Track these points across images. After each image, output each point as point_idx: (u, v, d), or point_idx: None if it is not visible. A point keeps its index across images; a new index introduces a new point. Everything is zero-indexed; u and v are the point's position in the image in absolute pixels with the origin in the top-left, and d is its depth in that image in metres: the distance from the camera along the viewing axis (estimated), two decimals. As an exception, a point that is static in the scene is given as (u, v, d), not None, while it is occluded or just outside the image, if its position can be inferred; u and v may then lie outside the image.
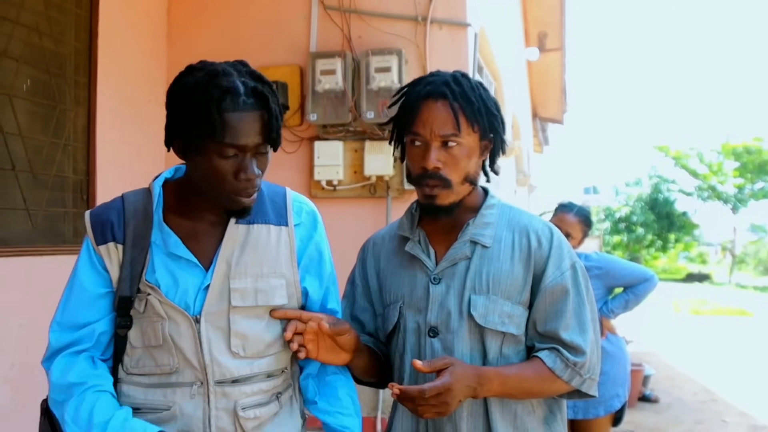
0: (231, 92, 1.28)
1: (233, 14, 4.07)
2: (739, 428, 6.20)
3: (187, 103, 1.30)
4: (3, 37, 3.06)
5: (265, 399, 1.46)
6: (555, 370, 1.49)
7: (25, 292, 3.12)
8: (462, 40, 3.75)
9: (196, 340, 1.39)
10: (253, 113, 1.31)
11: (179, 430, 1.39)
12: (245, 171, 1.33)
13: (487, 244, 1.54)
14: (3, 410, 2.99)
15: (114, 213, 1.43)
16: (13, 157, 3.11)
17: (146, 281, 1.39)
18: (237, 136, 1.30)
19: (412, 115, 1.52)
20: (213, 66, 1.33)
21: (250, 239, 1.44)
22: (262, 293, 1.43)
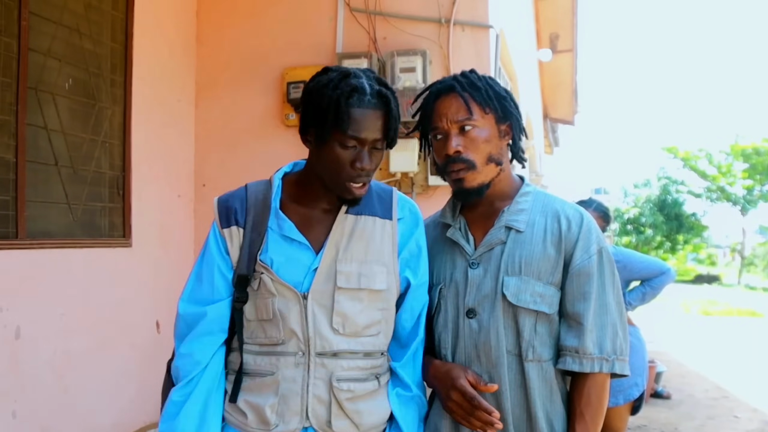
0: (359, 90, 1.46)
1: (261, 16, 4.19)
2: (750, 423, 6.27)
3: (320, 97, 1.47)
4: (47, 37, 3.19)
5: (362, 376, 1.58)
6: (584, 369, 1.59)
7: (66, 282, 3.26)
8: (484, 41, 3.85)
9: (302, 314, 1.53)
10: (375, 112, 1.47)
11: (281, 393, 1.54)
12: (361, 161, 1.48)
13: (521, 229, 1.64)
14: (47, 394, 3.12)
15: (237, 201, 1.60)
16: (55, 153, 3.24)
17: (260, 261, 1.54)
18: (359, 129, 1.46)
19: (430, 114, 1.67)
20: (346, 69, 1.52)
21: (358, 228, 1.58)
22: (364, 277, 1.55)
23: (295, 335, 1.54)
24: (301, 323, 1.53)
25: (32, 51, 3.08)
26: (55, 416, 3.15)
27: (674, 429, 6.02)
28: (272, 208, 1.58)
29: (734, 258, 34.08)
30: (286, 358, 1.55)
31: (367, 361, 1.59)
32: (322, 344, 1.54)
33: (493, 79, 1.70)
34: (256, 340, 1.58)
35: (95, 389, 3.36)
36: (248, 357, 1.58)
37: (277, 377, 1.54)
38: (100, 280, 3.44)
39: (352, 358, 1.57)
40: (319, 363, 1.54)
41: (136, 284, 3.64)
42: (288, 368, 1.54)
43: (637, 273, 3.59)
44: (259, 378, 1.57)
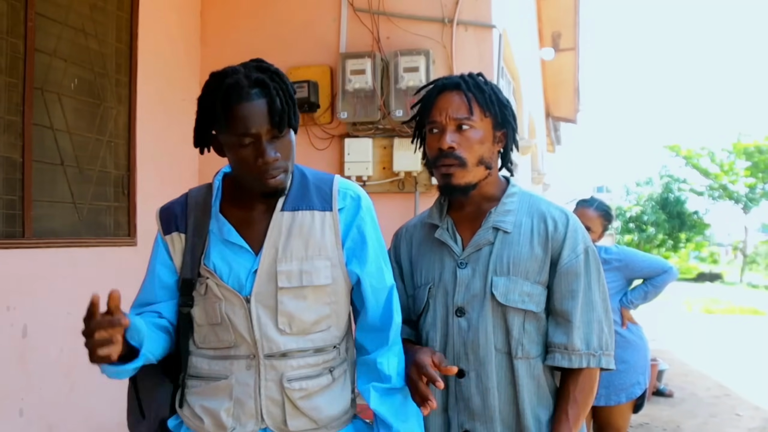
0: (234, 87, 1.42)
1: (265, 16, 4.21)
2: (753, 421, 6.29)
3: (202, 106, 1.48)
4: (53, 38, 3.21)
5: (314, 372, 1.57)
6: (572, 365, 1.63)
7: (72, 281, 3.27)
8: (487, 41, 3.87)
9: (247, 318, 1.53)
10: (257, 102, 1.42)
11: (235, 397, 1.54)
12: (262, 156, 1.44)
13: (508, 230, 1.67)
14: (54, 392, 3.15)
15: (178, 207, 1.61)
16: (61, 153, 3.26)
17: (204, 266, 1.54)
18: (245, 126, 1.42)
19: (429, 106, 1.69)
20: (224, 70, 1.47)
21: (296, 224, 1.56)
22: (306, 274, 1.54)
23: (244, 339, 1.54)
24: (248, 326, 1.53)
25: (38, 51, 3.09)
26: (62, 414, 3.18)
27: (676, 427, 6.03)
28: (212, 211, 1.58)
29: (736, 256, 34.06)
30: (239, 362, 1.55)
31: (318, 357, 1.58)
32: (269, 346, 1.53)
33: (497, 86, 1.73)
34: (209, 344, 1.58)
35: (101, 388, 3.35)
36: (202, 361, 1.59)
37: (230, 381, 1.55)
38: (105, 279, 3.45)
39: (301, 356, 1.56)
40: (269, 365, 1.54)
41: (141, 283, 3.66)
42: (241, 372, 1.54)
43: (639, 272, 3.59)
44: (213, 382, 1.57)
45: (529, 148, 6.86)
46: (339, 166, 3.99)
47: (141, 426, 1.65)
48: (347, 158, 3.91)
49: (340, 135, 4.02)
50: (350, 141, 3.94)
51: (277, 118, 1.44)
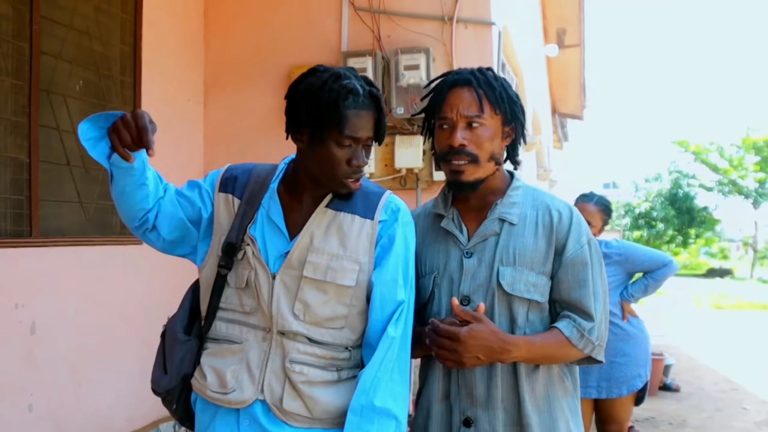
0: (353, 92, 1.53)
1: (267, 16, 4.25)
2: (759, 415, 6.29)
3: (315, 99, 1.53)
4: (58, 41, 3.27)
5: (319, 363, 1.62)
6: (571, 338, 1.65)
7: (79, 279, 3.34)
8: (486, 38, 3.90)
9: (270, 292, 1.61)
10: (368, 112, 1.56)
11: (245, 362, 1.61)
12: (357, 159, 1.57)
13: (514, 222, 1.70)
14: (62, 388, 3.22)
15: (243, 174, 1.71)
16: (68, 153, 3.32)
17: (249, 234, 1.64)
18: (355, 129, 1.54)
19: (440, 102, 1.71)
20: (336, 70, 1.57)
21: (335, 223, 1.63)
22: (332, 271, 1.60)
23: (263, 309, 1.61)
24: (268, 299, 1.60)
25: (44, 54, 3.16)
26: (70, 410, 3.24)
27: (683, 421, 6.04)
28: (269, 188, 1.67)
29: (747, 251, 33.89)
30: (256, 332, 1.63)
31: (326, 351, 1.62)
32: (282, 324, 1.60)
33: (507, 81, 1.74)
34: (230, 305, 1.66)
35: (109, 384, 3.44)
36: (221, 324, 1.67)
37: (244, 346, 1.62)
38: (112, 276, 3.52)
39: (309, 344, 1.61)
40: (279, 341, 1.61)
41: (148, 281, 3.71)
42: (257, 341, 1.62)
43: (639, 265, 3.61)
44: (227, 344, 1.65)
45: (534, 145, 6.89)
46: (341, 164, 4.04)
47: (163, 380, 1.75)
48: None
49: (342, 133, 4.07)
50: (352, 139, 3.98)
51: (381, 130, 1.60)
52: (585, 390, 3.47)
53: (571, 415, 1.77)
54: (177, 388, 1.71)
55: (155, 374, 1.78)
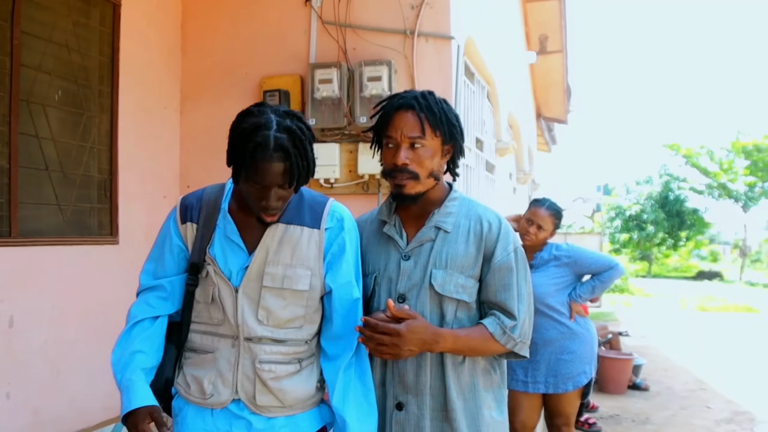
0: (262, 146, 1.68)
1: (241, 28, 4.47)
2: (721, 413, 6.52)
3: (234, 146, 1.74)
4: (38, 54, 3.49)
5: (284, 359, 1.88)
6: (494, 334, 1.90)
7: (56, 277, 3.56)
8: (446, 51, 4.12)
9: (234, 304, 1.85)
10: (276, 163, 1.70)
11: (217, 369, 1.86)
12: (266, 201, 1.76)
13: (448, 230, 1.95)
14: (39, 379, 3.43)
15: (195, 200, 1.94)
16: (46, 159, 3.54)
17: (209, 254, 1.87)
18: (261, 179, 1.71)
19: (386, 123, 1.94)
20: (260, 117, 1.72)
21: (287, 236, 1.88)
22: (288, 279, 1.86)
23: (228, 321, 1.86)
24: (233, 311, 1.85)
25: (24, 66, 3.37)
26: (47, 399, 3.46)
27: (646, 418, 6.27)
28: (221, 209, 1.90)
29: (737, 254, 34.08)
30: (225, 340, 1.87)
31: (289, 348, 1.88)
32: (248, 331, 1.85)
33: (448, 104, 1.98)
34: (201, 319, 1.90)
35: (85, 375, 3.66)
36: (195, 336, 1.91)
37: (216, 355, 1.87)
38: (88, 274, 3.74)
39: (274, 345, 1.87)
40: (247, 346, 1.86)
41: (123, 278, 3.92)
42: (226, 348, 1.87)
43: (586, 267, 3.81)
44: (202, 354, 1.89)
45: (507, 150, 7.10)
46: (309, 170, 4.26)
47: None
48: (316, 162, 4.17)
49: (309, 140, 4.29)
50: (318, 146, 4.19)
51: (291, 180, 1.74)
52: (534, 385, 3.74)
53: (495, 404, 2.01)
54: (159, 390, 1.91)
55: None
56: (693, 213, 28.47)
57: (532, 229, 3.73)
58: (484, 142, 6.02)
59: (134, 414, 1.72)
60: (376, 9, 4.20)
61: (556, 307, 3.72)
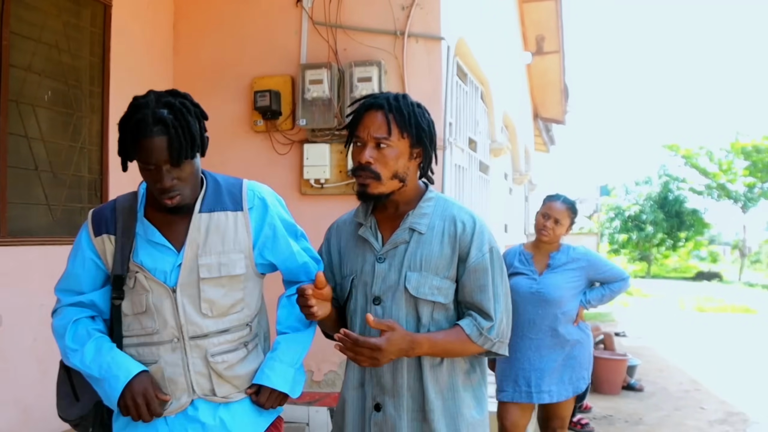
0: (140, 124, 1.68)
1: (233, 29, 4.49)
2: (715, 414, 6.51)
3: (121, 132, 1.74)
4: (27, 54, 3.51)
5: (232, 347, 1.89)
6: (471, 336, 1.89)
7: (45, 276, 3.54)
8: (436, 52, 4.14)
9: (173, 306, 1.82)
10: (157, 138, 1.68)
11: (167, 377, 1.83)
12: (160, 182, 1.73)
13: (423, 231, 1.93)
14: (28, 377, 3.45)
15: (108, 211, 1.89)
16: (36, 159, 3.55)
17: (134, 262, 1.82)
18: (147, 156, 1.70)
19: (356, 122, 1.94)
20: (141, 99, 1.73)
21: (212, 224, 1.87)
22: (224, 266, 1.85)
23: (167, 325, 1.83)
24: (174, 313, 1.82)
25: (13, 67, 3.39)
26: (35, 396, 3.47)
27: (639, 419, 6.26)
28: (138, 215, 1.86)
29: (735, 254, 34.08)
30: (164, 346, 1.83)
31: (234, 335, 1.90)
32: (194, 329, 1.83)
33: (421, 107, 1.96)
34: (132, 332, 1.86)
35: (74, 374, 3.66)
36: (131, 350, 1.85)
37: (160, 364, 1.84)
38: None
39: (221, 335, 1.87)
40: (194, 345, 1.84)
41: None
42: (167, 354, 1.83)
43: (600, 274, 3.67)
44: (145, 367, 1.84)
45: (502, 150, 7.11)
46: (299, 170, 4.28)
47: (74, 408, 1.93)
48: (306, 162, 4.20)
49: (300, 140, 4.31)
50: (309, 146, 4.22)
51: (175, 154, 1.70)
52: (538, 395, 3.52)
53: (475, 402, 2.01)
54: (90, 413, 1.91)
55: (62, 403, 1.96)
56: (692, 213, 28.45)
57: (549, 224, 3.53)
58: (478, 142, 6.04)
59: (136, 381, 1.75)
60: (366, 10, 4.21)
61: (570, 315, 3.55)
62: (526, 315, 3.46)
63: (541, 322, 3.48)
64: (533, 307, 3.48)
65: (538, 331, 3.48)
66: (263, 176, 3.82)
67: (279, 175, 4.26)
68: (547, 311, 3.47)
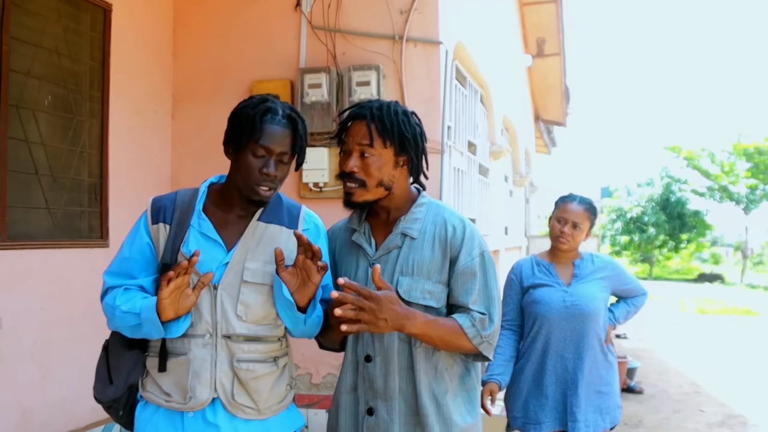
0: (272, 111, 1.84)
1: (232, 33, 4.52)
2: (714, 417, 6.52)
3: (241, 116, 1.85)
4: (27, 59, 3.53)
5: (261, 358, 1.90)
6: (464, 327, 1.90)
7: (45, 280, 3.59)
8: (434, 56, 4.16)
9: (212, 302, 1.86)
10: (284, 129, 1.84)
11: (193, 370, 1.85)
12: (268, 167, 1.82)
13: (414, 236, 1.95)
14: (27, 380, 3.47)
15: (167, 201, 1.94)
16: (36, 163, 3.58)
17: (182, 252, 1.86)
18: (268, 140, 1.82)
19: (343, 130, 1.98)
20: (265, 95, 1.90)
21: (266, 234, 1.92)
22: (268, 275, 1.88)
23: (204, 319, 1.86)
24: (211, 309, 1.86)
25: (13, 72, 3.41)
26: (36, 400, 3.50)
27: (638, 421, 6.27)
28: (195, 209, 1.91)
29: (737, 256, 34.05)
30: (195, 340, 1.86)
31: (265, 345, 1.91)
32: (226, 328, 1.86)
33: (407, 116, 1.97)
34: None
35: (73, 376, 3.69)
36: (165, 340, 1.88)
37: (189, 356, 1.86)
38: (78, 277, 3.77)
39: (252, 342, 1.89)
40: (224, 344, 1.87)
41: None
42: (198, 348, 1.86)
43: (624, 286, 3.26)
44: (173, 357, 1.88)
45: (502, 153, 7.13)
46: (298, 173, 4.29)
47: (108, 390, 1.95)
48: (305, 166, 4.20)
49: (299, 144, 4.32)
50: (308, 150, 4.17)
51: (297, 149, 1.89)
52: (573, 425, 2.97)
53: (470, 407, 2.03)
54: (123, 396, 1.93)
55: (99, 385, 1.97)
56: (694, 215, 28.41)
57: (567, 229, 3.06)
58: (477, 145, 6.05)
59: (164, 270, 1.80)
60: (365, 14, 4.23)
61: (603, 330, 3.11)
62: (560, 332, 3.00)
63: (578, 339, 3.00)
64: (567, 322, 3.00)
65: (573, 350, 3.00)
66: (261, 181, 3.84)
67: (278, 179, 4.28)
68: (583, 326, 3.00)
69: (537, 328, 3.02)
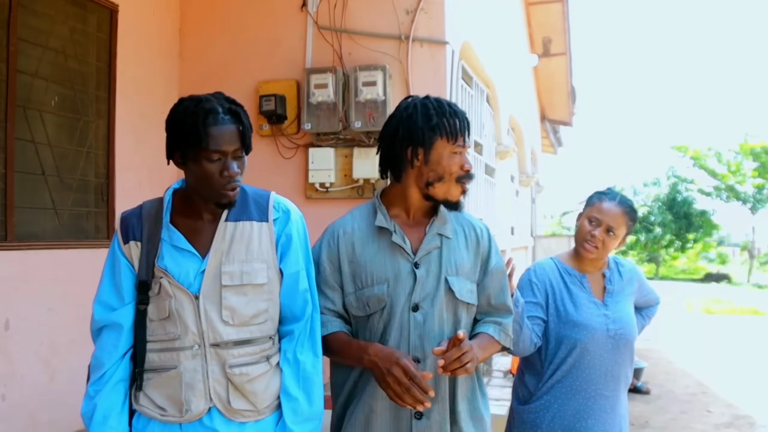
0: (212, 112, 1.72)
1: (238, 34, 4.52)
2: (721, 417, 6.48)
3: (181, 124, 1.73)
4: (34, 60, 3.54)
5: (253, 360, 1.87)
6: (500, 341, 2.01)
7: (52, 281, 3.60)
8: (441, 56, 4.14)
9: (195, 312, 1.82)
10: (230, 126, 1.74)
11: (185, 382, 1.82)
12: (227, 170, 1.75)
13: (450, 236, 1.98)
14: (34, 380, 3.48)
15: (134, 218, 1.89)
16: (43, 164, 3.58)
17: (158, 267, 1.83)
18: (219, 144, 1.73)
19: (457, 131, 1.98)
20: (197, 96, 1.78)
21: (237, 233, 1.87)
22: (246, 274, 1.85)
23: (189, 331, 1.82)
24: (195, 320, 1.82)
25: (20, 73, 3.42)
26: (42, 400, 3.50)
27: (645, 422, 6.25)
28: (163, 222, 1.86)
29: (744, 256, 33.90)
30: (184, 352, 1.83)
31: (256, 347, 1.87)
32: (214, 336, 1.82)
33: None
34: (156, 337, 1.85)
35: (80, 377, 3.65)
36: (153, 355, 1.85)
37: (179, 369, 1.83)
38: (84, 278, 3.74)
39: (242, 346, 1.85)
40: (213, 352, 1.83)
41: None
42: (187, 360, 1.82)
43: (644, 296, 2.73)
44: (165, 372, 1.84)
45: (508, 153, 7.11)
46: (304, 174, 4.29)
47: None
48: (311, 166, 4.21)
49: (305, 144, 4.32)
50: (314, 150, 4.23)
51: (247, 141, 1.79)
52: None
53: (488, 403, 2.10)
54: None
55: None
56: (701, 215, 28.29)
57: (599, 233, 2.42)
58: (483, 145, 6.04)
59: None
60: (371, 14, 4.23)
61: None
62: (603, 366, 2.41)
63: (618, 371, 2.44)
64: (610, 354, 2.41)
65: (615, 386, 2.44)
66: (268, 180, 3.86)
67: (284, 179, 4.28)
68: (623, 357, 2.45)
69: (575, 358, 2.40)
